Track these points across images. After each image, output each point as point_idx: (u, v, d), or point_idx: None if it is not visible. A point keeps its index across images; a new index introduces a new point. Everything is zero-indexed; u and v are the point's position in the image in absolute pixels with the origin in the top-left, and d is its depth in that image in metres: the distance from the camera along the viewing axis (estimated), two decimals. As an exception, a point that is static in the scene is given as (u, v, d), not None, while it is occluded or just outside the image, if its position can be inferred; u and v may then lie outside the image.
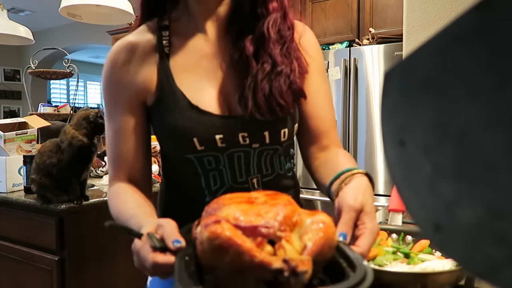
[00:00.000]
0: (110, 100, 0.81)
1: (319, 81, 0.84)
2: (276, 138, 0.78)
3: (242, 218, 0.48)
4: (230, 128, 0.76)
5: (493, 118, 0.16)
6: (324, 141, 0.82)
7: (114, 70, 0.79)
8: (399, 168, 0.22)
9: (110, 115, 0.81)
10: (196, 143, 0.75)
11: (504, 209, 0.16)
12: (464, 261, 0.19)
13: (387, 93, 0.22)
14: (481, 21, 0.16)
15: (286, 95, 0.75)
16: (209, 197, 0.78)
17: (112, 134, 0.80)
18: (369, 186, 0.67)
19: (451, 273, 0.62)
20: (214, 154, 0.76)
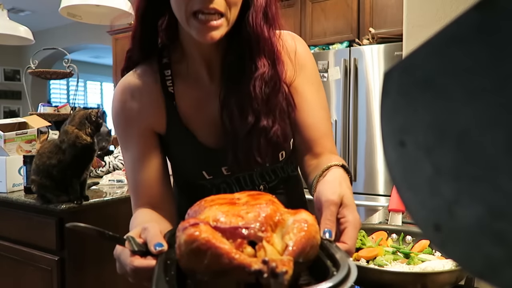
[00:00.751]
0: (122, 134, 0.84)
1: (311, 90, 0.84)
2: (275, 160, 0.84)
3: (222, 220, 0.48)
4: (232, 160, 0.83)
5: (493, 118, 0.16)
6: (317, 149, 0.82)
7: (124, 110, 0.83)
8: (399, 168, 0.22)
9: (125, 147, 0.85)
10: (205, 174, 0.84)
11: (504, 209, 0.16)
12: (464, 261, 0.19)
13: (387, 93, 0.22)
14: (481, 21, 0.16)
15: (265, 152, 0.79)
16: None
17: (129, 164, 0.84)
18: (345, 177, 0.68)
19: (451, 273, 0.62)
20: (221, 179, 0.85)
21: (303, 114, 0.83)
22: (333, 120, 3.05)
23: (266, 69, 0.77)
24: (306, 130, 0.83)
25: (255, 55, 0.77)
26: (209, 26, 0.70)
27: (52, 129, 2.66)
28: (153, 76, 0.82)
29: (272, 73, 0.78)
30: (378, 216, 1.41)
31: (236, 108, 0.78)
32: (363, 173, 2.95)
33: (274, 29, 0.79)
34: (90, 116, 1.63)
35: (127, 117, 0.82)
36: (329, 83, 3.06)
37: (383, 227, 0.85)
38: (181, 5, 0.70)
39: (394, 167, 0.22)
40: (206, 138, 0.83)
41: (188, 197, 0.91)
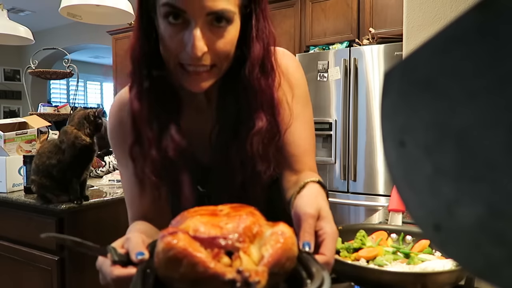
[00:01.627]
0: (118, 150, 0.84)
1: (298, 108, 0.83)
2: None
3: (201, 230, 0.49)
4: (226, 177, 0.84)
5: (493, 118, 0.16)
6: (297, 165, 0.81)
7: (121, 126, 0.82)
8: (399, 168, 0.22)
9: (120, 162, 0.85)
10: (199, 187, 0.84)
11: (504, 209, 0.17)
12: (464, 261, 0.19)
13: (387, 93, 0.22)
14: (481, 21, 0.16)
15: (260, 194, 0.79)
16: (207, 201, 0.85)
17: (125, 180, 0.84)
18: (321, 192, 0.68)
19: (451, 273, 0.62)
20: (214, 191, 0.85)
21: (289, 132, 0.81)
22: (333, 120, 3.05)
23: (264, 124, 0.75)
24: (289, 147, 0.81)
25: (252, 108, 0.75)
26: (198, 77, 0.69)
27: (52, 129, 2.66)
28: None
29: (270, 126, 0.77)
30: (378, 216, 1.41)
31: (229, 159, 0.78)
32: (363, 173, 2.95)
33: (273, 79, 0.76)
34: (89, 116, 1.63)
35: (124, 133, 0.80)
36: (329, 83, 3.06)
37: (383, 227, 0.85)
38: (169, 56, 0.69)
39: (394, 167, 0.22)
40: (203, 158, 0.83)
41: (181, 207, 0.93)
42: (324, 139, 3.13)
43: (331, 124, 3.05)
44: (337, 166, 3.05)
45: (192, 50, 0.65)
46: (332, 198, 3.07)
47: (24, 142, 2.07)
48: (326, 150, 3.12)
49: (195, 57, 0.66)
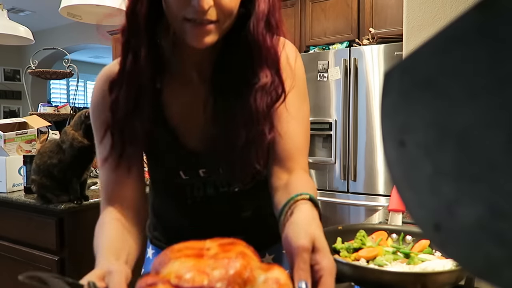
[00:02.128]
0: (99, 127, 0.79)
1: (296, 101, 0.80)
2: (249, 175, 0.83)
3: (185, 277, 0.45)
4: (212, 164, 0.82)
5: (493, 118, 0.16)
6: (290, 163, 0.78)
7: (104, 99, 0.77)
8: (399, 168, 0.22)
9: (100, 140, 0.79)
10: (182, 174, 0.83)
11: (504, 209, 0.17)
12: (464, 261, 0.19)
13: (387, 93, 0.22)
14: (481, 21, 0.16)
15: (264, 159, 0.77)
16: (190, 200, 0.86)
17: (103, 159, 0.79)
18: (314, 214, 0.63)
19: (451, 273, 0.62)
20: (198, 179, 0.84)
21: (282, 123, 0.79)
22: (333, 120, 3.05)
23: (269, 80, 0.74)
24: (283, 140, 0.79)
25: (257, 65, 0.74)
26: (202, 30, 0.67)
27: (52, 129, 2.66)
28: None
29: (275, 84, 0.75)
30: (378, 216, 1.41)
31: (233, 118, 0.75)
32: (363, 173, 2.95)
33: (278, 36, 0.75)
34: (80, 117, 1.62)
35: (104, 111, 0.77)
36: (329, 83, 3.06)
37: (383, 227, 0.85)
38: (174, 11, 0.68)
39: (394, 166, 0.22)
40: (188, 140, 0.81)
41: (162, 195, 0.93)
42: (324, 139, 3.13)
43: (331, 124, 3.05)
44: (337, 166, 3.05)
45: (198, 3, 0.65)
46: (332, 198, 3.07)
47: (24, 142, 2.07)
48: (326, 150, 3.12)
49: (201, 10, 0.65)
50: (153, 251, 0.97)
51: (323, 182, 3.13)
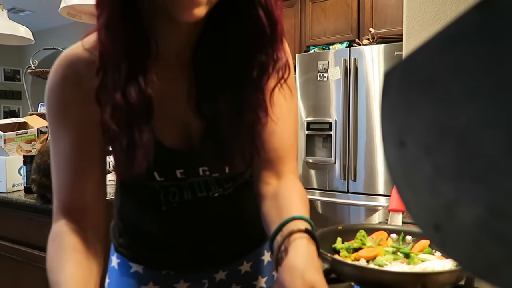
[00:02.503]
0: (58, 119, 0.68)
1: (286, 95, 0.74)
2: (236, 168, 0.75)
3: None
4: (191, 164, 0.74)
5: (493, 118, 0.16)
6: (279, 166, 0.73)
7: (66, 86, 0.67)
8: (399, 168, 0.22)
9: (56, 135, 0.69)
10: (156, 175, 0.73)
11: (504, 209, 0.17)
12: (464, 261, 0.19)
13: (387, 93, 0.22)
14: (481, 21, 0.16)
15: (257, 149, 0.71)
16: (165, 207, 0.78)
17: (58, 159, 0.69)
18: (312, 254, 0.58)
19: (451, 273, 0.62)
20: (173, 182, 0.75)
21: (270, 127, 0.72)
22: (333, 120, 3.05)
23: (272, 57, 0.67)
24: (272, 139, 0.73)
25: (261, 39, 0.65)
26: (192, 1, 0.59)
27: (52, 129, 2.66)
28: None
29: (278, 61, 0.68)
30: (378, 216, 1.41)
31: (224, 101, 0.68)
32: (363, 173, 2.95)
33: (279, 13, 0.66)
34: None
35: (68, 99, 0.67)
36: (329, 83, 3.06)
37: (383, 227, 0.85)
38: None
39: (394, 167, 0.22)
40: (165, 135, 0.70)
41: (132, 199, 0.83)
42: (324, 139, 3.13)
43: (331, 124, 3.05)
44: (337, 166, 3.05)
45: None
46: (332, 198, 3.07)
47: (24, 142, 2.07)
48: (326, 150, 3.12)
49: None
50: (118, 261, 0.86)
51: (323, 182, 3.13)
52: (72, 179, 0.68)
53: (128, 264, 0.85)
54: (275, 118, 0.72)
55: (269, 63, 0.67)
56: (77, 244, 0.66)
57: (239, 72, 0.68)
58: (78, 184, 0.68)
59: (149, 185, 0.76)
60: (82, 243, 0.66)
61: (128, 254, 0.85)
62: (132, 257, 0.85)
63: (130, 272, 0.85)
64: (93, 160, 0.70)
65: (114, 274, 0.87)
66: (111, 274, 0.88)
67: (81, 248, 0.65)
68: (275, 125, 0.73)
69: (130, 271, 0.85)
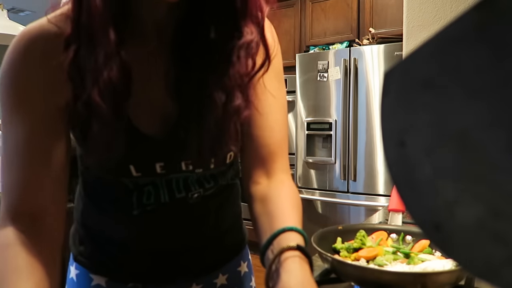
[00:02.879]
0: (14, 103, 0.58)
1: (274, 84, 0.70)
2: (221, 162, 0.69)
3: None
4: (172, 156, 0.65)
5: (493, 118, 0.16)
6: (268, 164, 0.69)
7: (29, 64, 0.57)
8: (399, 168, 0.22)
9: (8, 127, 0.59)
10: (132, 169, 0.63)
11: (504, 209, 0.17)
12: (464, 261, 0.19)
13: (387, 93, 0.22)
14: (481, 21, 0.16)
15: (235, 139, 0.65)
16: (138, 210, 0.67)
17: (11, 152, 0.59)
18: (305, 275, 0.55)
19: (451, 273, 0.62)
20: (151, 178, 0.65)
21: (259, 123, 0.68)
22: (333, 120, 3.05)
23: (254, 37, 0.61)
24: (263, 133, 0.69)
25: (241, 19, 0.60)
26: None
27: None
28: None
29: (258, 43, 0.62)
30: (378, 216, 1.41)
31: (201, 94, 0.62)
32: (363, 173, 2.95)
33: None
34: None
35: (30, 79, 0.57)
36: (329, 83, 3.06)
37: (383, 227, 0.85)
38: None
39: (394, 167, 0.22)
40: (141, 121, 0.62)
41: (97, 200, 0.72)
42: (324, 139, 3.13)
43: (331, 124, 3.06)
44: (337, 166, 3.05)
45: None
46: (332, 198, 3.07)
47: (24, 142, 2.07)
48: (326, 150, 3.12)
49: None
50: (77, 271, 0.77)
51: (323, 182, 3.13)
52: (27, 177, 0.58)
53: (89, 276, 0.75)
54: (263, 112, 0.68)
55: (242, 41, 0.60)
56: (29, 263, 0.56)
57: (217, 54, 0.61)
58: (33, 183, 0.58)
59: (120, 182, 0.65)
60: (36, 260, 0.57)
61: (88, 264, 0.75)
62: (93, 267, 0.74)
63: (90, 285, 0.75)
64: (54, 153, 0.59)
65: (73, 286, 0.78)
66: (68, 286, 0.79)
67: (35, 267, 0.56)
68: (264, 120, 0.68)
69: (91, 284, 0.75)
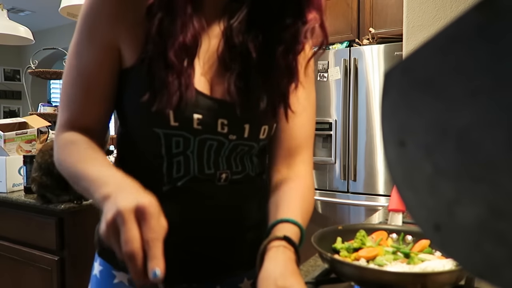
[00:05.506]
0: (87, 31, 0.67)
1: (309, 86, 0.77)
2: (255, 134, 0.71)
3: None
4: (210, 111, 0.67)
5: (493, 118, 0.16)
6: (293, 156, 0.74)
7: (109, 1, 0.66)
8: (399, 168, 0.22)
9: (81, 48, 0.67)
10: (171, 116, 0.65)
11: (504, 209, 0.17)
12: (464, 261, 0.19)
13: (387, 93, 0.22)
14: (481, 21, 0.16)
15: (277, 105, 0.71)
16: (168, 186, 0.69)
17: (77, 73, 0.68)
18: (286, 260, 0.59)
19: (451, 273, 0.62)
20: (185, 135, 0.67)
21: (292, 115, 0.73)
22: (333, 120, 3.05)
23: (314, 25, 0.69)
24: (293, 127, 0.74)
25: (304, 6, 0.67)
26: None
27: (52, 129, 2.66)
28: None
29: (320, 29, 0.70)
30: (378, 216, 1.41)
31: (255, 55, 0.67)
32: (363, 173, 2.95)
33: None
34: None
35: (103, 14, 0.65)
36: (329, 83, 3.06)
37: (383, 227, 0.85)
38: None
39: (394, 167, 0.22)
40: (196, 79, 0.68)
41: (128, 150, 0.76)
42: (324, 139, 3.13)
43: (331, 124, 3.05)
44: (337, 166, 3.05)
45: None
46: (332, 198, 3.07)
47: (24, 142, 2.07)
48: (326, 150, 3.12)
49: None
50: (101, 268, 0.79)
51: (323, 182, 3.13)
52: (85, 96, 0.68)
53: (111, 273, 0.76)
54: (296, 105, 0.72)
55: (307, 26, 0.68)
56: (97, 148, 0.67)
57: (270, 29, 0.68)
58: (91, 102, 0.68)
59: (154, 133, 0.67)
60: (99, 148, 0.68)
61: (112, 259, 0.75)
62: (116, 263, 0.74)
63: (113, 282, 0.76)
64: (108, 84, 0.68)
65: (95, 285, 0.79)
66: (92, 285, 0.80)
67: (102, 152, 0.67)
68: (296, 115, 0.73)
69: (113, 282, 0.76)
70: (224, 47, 0.68)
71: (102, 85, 0.68)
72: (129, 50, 0.66)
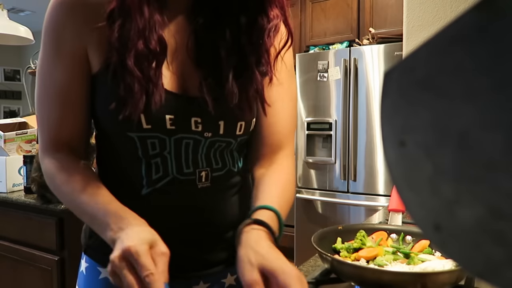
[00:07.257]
0: (54, 45, 0.67)
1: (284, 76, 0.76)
2: (231, 130, 0.71)
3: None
4: (183, 110, 0.67)
5: (493, 118, 0.16)
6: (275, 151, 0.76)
7: (71, 11, 0.66)
8: (399, 168, 0.22)
9: (50, 68, 0.68)
10: (143, 120, 0.65)
11: (504, 209, 0.17)
12: (464, 261, 0.19)
13: (387, 93, 0.22)
14: (481, 21, 0.16)
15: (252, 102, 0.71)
16: (148, 188, 0.69)
17: (51, 92, 0.68)
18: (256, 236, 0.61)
19: (451, 273, 0.62)
20: (160, 136, 0.67)
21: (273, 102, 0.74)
22: (333, 120, 3.05)
23: (278, 22, 0.69)
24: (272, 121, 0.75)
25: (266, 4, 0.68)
26: None
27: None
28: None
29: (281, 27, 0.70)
30: (378, 216, 1.41)
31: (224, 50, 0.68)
32: (363, 173, 2.95)
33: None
34: None
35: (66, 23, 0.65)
36: (329, 83, 3.06)
37: (383, 227, 0.85)
38: None
39: (394, 167, 0.22)
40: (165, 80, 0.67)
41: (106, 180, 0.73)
42: (324, 139, 3.13)
43: (331, 124, 3.05)
44: (337, 166, 3.05)
45: None
46: (332, 198, 3.07)
47: (24, 142, 2.07)
48: (326, 150, 3.12)
49: None
50: (87, 264, 0.78)
51: (323, 182, 3.13)
52: (64, 114, 0.69)
53: (97, 269, 0.76)
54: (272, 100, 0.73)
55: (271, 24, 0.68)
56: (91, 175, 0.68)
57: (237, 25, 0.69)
58: (69, 115, 0.69)
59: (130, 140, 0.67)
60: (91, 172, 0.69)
61: (97, 256, 0.76)
62: (101, 260, 0.75)
63: (98, 278, 0.76)
64: (83, 93, 0.68)
65: (82, 281, 0.79)
66: (79, 281, 0.80)
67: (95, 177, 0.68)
68: (273, 109, 0.74)
69: (99, 277, 0.76)
70: (193, 44, 0.69)
71: (78, 95, 0.68)
72: (95, 56, 0.67)
